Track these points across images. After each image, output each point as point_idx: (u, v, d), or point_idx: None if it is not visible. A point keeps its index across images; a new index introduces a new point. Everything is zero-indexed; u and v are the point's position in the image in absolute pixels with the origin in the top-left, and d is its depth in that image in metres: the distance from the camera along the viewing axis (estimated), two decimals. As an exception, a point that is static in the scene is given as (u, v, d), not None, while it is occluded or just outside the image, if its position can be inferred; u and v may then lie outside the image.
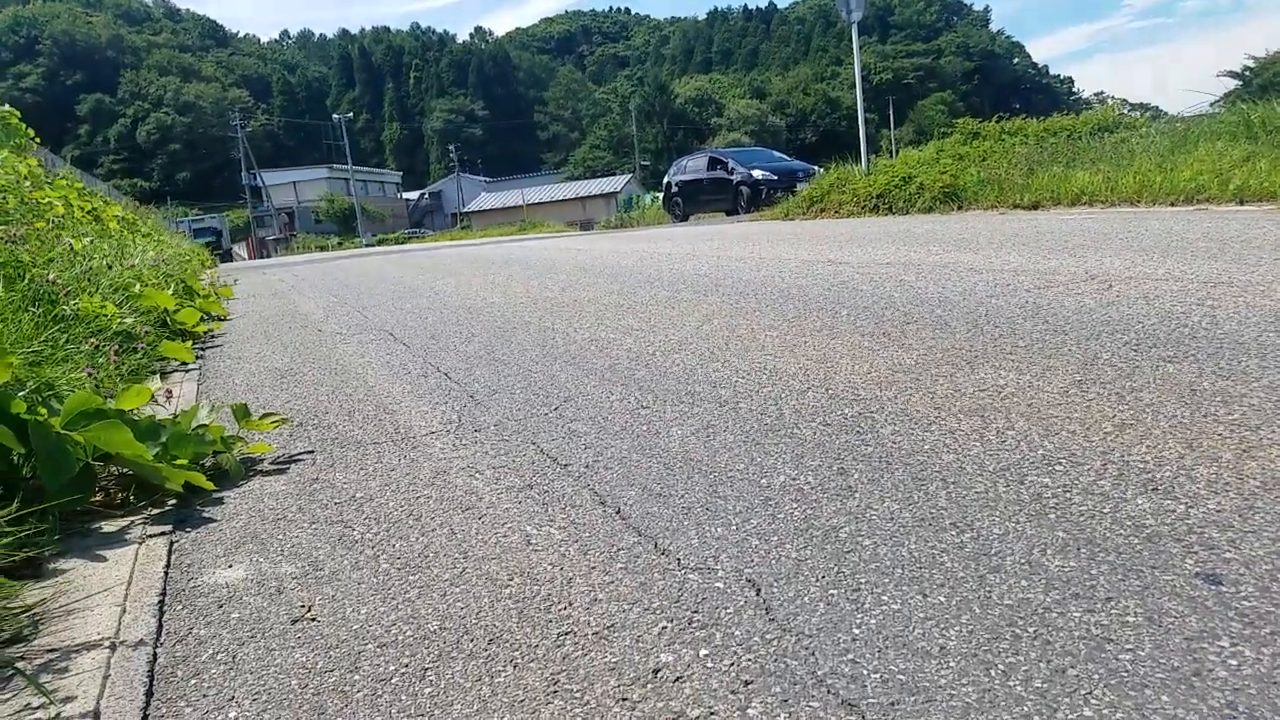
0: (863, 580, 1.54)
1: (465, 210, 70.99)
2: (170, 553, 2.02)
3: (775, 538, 1.75)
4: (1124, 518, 1.68)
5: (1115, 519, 1.68)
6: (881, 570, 1.57)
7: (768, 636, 1.39)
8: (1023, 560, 1.55)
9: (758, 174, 20.82)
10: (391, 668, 1.42)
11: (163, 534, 2.14)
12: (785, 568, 1.62)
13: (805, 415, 2.58)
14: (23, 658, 1.54)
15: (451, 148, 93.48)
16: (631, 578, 1.64)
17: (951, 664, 1.26)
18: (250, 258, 55.49)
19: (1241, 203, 7.41)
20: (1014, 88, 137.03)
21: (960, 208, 11.01)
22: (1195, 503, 1.71)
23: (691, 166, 23.85)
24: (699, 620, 1.46)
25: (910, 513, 1.80)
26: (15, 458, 2.21)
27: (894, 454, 2.16)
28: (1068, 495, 1.81)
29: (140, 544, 2.09)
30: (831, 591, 1.51)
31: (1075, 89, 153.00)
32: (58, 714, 1.37)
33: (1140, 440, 2.07)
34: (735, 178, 21.37)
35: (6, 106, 10.04)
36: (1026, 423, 2.29)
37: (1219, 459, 1.91)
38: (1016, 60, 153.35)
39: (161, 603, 1.76)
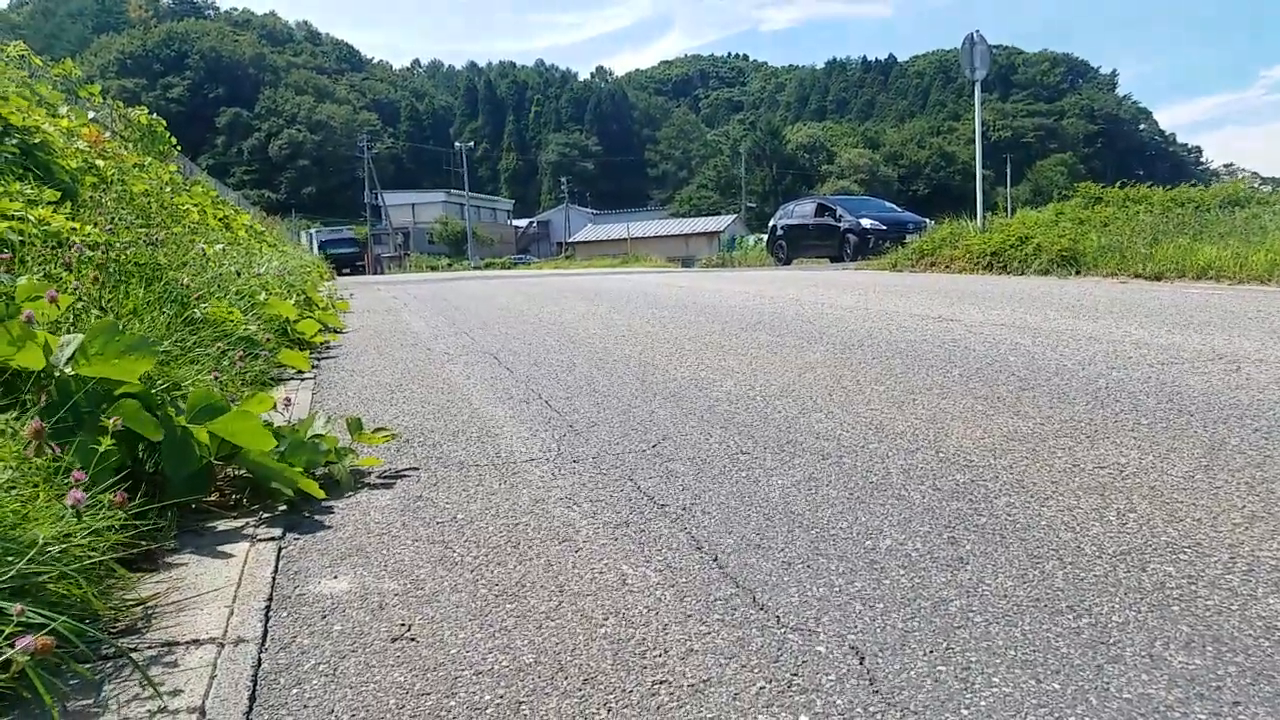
0: (973, 659, 1.47)
1: (571, 240, 72.47)
2: (279, 558, 2.09)
3: (881, 604, 1.70)
4: (1254, 617, 1.57)
5: (1244, 617, 1.57)
6: (993, 650, 1.50)
7: (871, 710, 1.33)
8: (1143, 652, 1.47)
9: (866, 223, 20.58)
10: (487, 697, 1.43)
11: (272, 539, 2.21)
12: (891, 637, 1.56)
13: (914, 477, 2.51)
14: (135, 649, 1.61)
15: (563, 180, 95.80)
16: (729, 631, 1.61)
17: (1070, 761, 1.19)
18: (366, 273, 57.42)
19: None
20: (1138, 154, 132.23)
21: (1078, 272, 10.61)
22: (1334, 610, 1.58)
23: (798, 211, 23.78)
24: (799, 684, 1.42)
25: (1025, 591, 1.72)
26: (140, 451, 2.34)
27: (1008, 527, 2.08)
28: (1193, 587, 1.70)
29: (251, 547, 2.17)
30: (940, 668, 1.45)
31: (1204, 159, 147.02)
32: (163, 706, 1.42)
33: (1272, 535, 1.94)
34: (843, 225, 21.18)
35: (154, 116, 10.79)
36: (1149, 506, 2.17)
37: (1365, 564, 1.77)
38: (1143, 126, 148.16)
39: (268, 608, 1.81)
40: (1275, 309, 6.00)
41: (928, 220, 20.30)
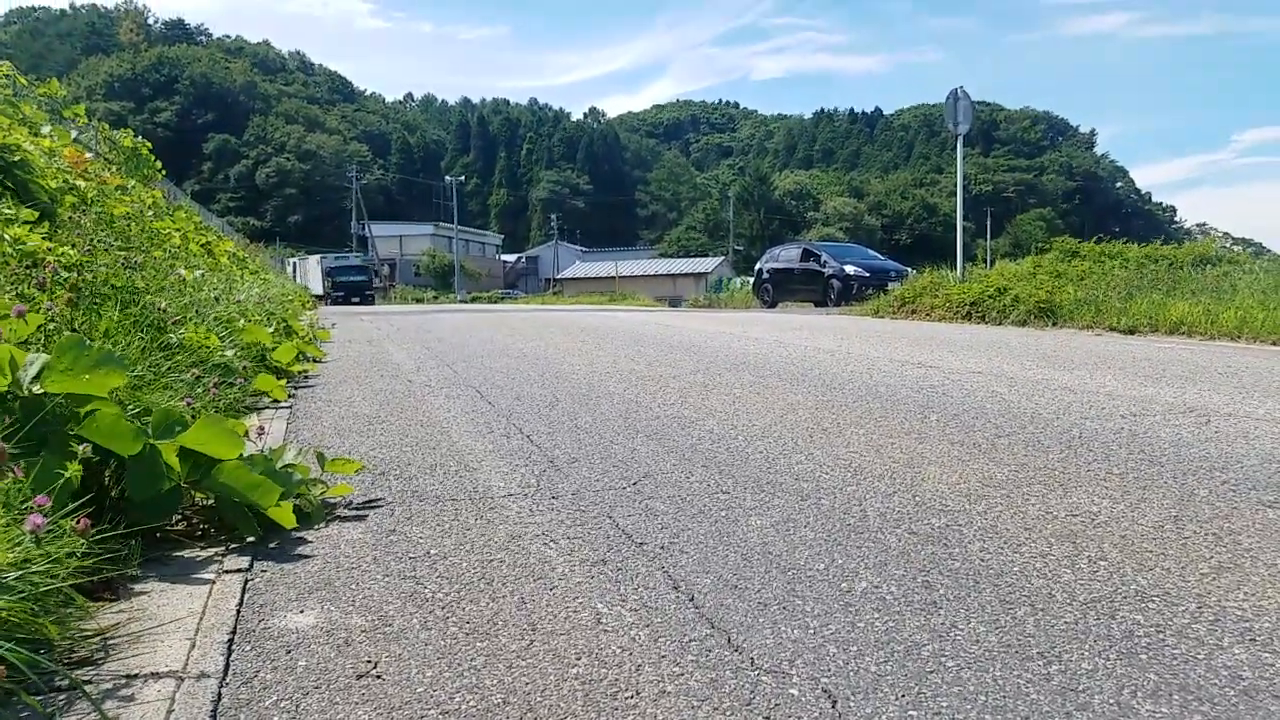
0: (944, 704, 1.46)
1: (559, 276, 72.65)
2: (244, 590, 2.05)
3: (854, 647, 1.69)
4: (1220, 666, 1.58)
5: (1210, 667, 1.58)
6: (964, 695, 1.49)
7: (841, 754, 1.32)
8: (1112, 700, 1.47)
9: (850, 269, 20.78)
10: (452, 735, 1.40)
11: (238, 570, 2.18)
12: (864, 681, 1.55)
13: (890, 520, 2.51)
14: (90, 681, 1.57)
15: (553, 216, 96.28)
16: (703, 672, 1.60)
17: (1040, 812, 1.18)
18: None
19: (1355, 348, 7.06)
20: (1114, 211, 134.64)
21: (1055, 324, 10.74)
22: (1298, 659, 1.60)
23: (784, 256, 23.98)
24: (769, 727, 1.40)
25: (996, 637, 1.72)
26: (106, 477, 2.30)
27: (982, 572, 2.07)
28: (1161, 636, 1.71)
29: (216, 577, 2.13)
30: (911, 712, 1.43)
31: (1177, 218, 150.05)
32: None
33: (1238, 586, 1.96)
34: (827, 271, 21.37)
35: (139, 139, 10.78)
36: (1120, 554, 2.18)
37: (1328, 617, 1.78)
38: (1119, 184, 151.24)
39: (231, 641, 1.78)
40: (1244, 365, 6.09)
41: (909, 269, 20.54)
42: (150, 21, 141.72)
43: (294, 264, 55.32)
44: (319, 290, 50.87)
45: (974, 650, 1.66)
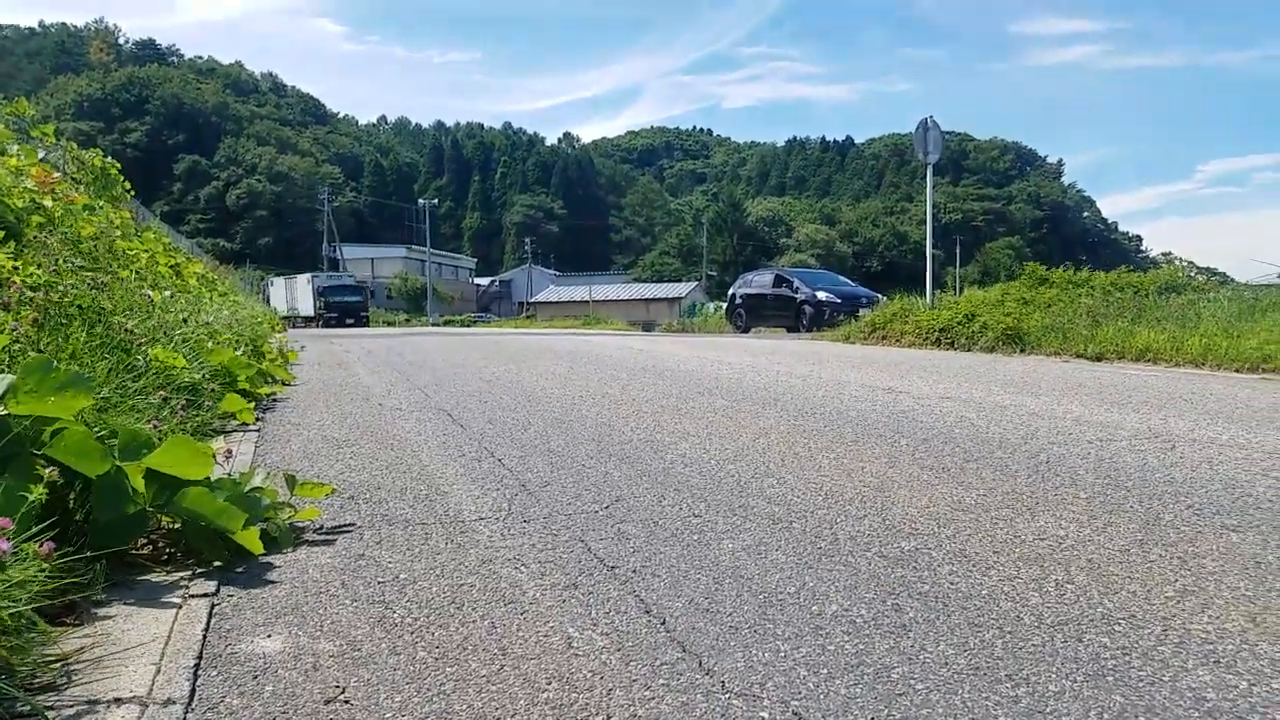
0: (914, 728, 1.47)
1: (532, 300, 72.60)
2: (211, 615, 2.02)
3: (825, 670, 1.69)
4: (1184, 688, 1.61)
5: (1175, 689, 1.61)
6: (933, 718, 1.50)
7: (812, 777, 1.32)
8: (1080, 723, 1.48)
9: (822, 295, 20.98)
10: (421, 760, 1.39)
11: (205, 595, 2.14)
12: (834, 703, 1.55)
13: (860, 543, 2.52)
14: (52, 707, 1.54)
15: (527, 240, 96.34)
16: (673, 696, 1.59)
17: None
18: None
19: (1311, 375, 7.22)
20: (1081, 240, 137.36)
21: (1023, 350, 10.89)
22: (1258, 681, 1.63)
23: (757, 281, 24.17)
24: (740, 750, 1.40)
25: (965, 659, 1.73)
26: (71, 500, 2.26)
27: (951, 595, 2.09)
28: (1127, 658, 1.73)
29: (183, 602, 2.10)
30: (881, 736, 1.44)
31: (1143, 247, 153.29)
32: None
33: (1202, 609, 1.99)
34: (799, 296, 21.56)
35: (109, 159, 10.67)
36: (1086, 578, 2.21)
37: (1286, 638, 1.82)
38: (1086, 214, 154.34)
39: (197, 666, 1.75)
40: (1209, 391, 6.21)
41: (880, 296, 20.78)
42: (121, 41, 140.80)
43: (283, 283, 53.40)
44: (310, 311, 48.53)
45: (943, 672, 1.68)
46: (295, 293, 51.22)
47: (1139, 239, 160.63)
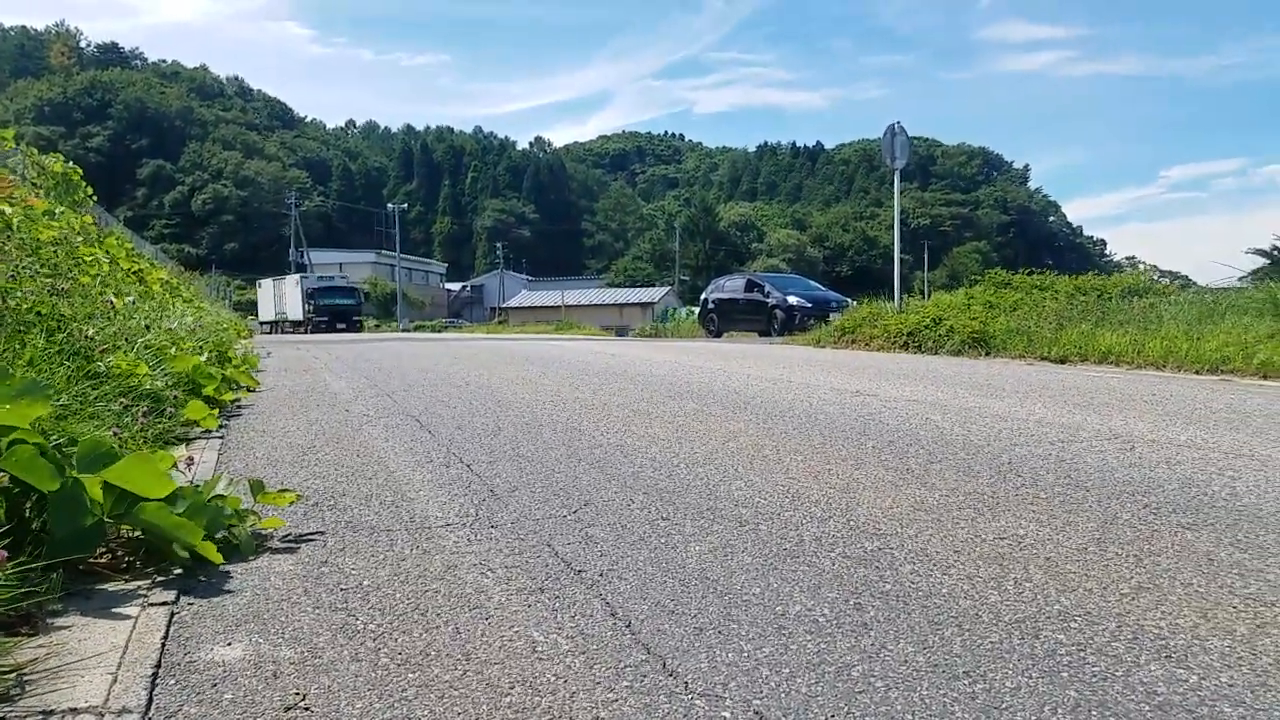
0: (873, 725, 1.48)
1: (505, 305, 72.31)
2: (170, 623, 2.00)
3: (787, 669, 1.71)
4: (1136, 683, 1.64)
5: (1128, 683, 1.64)
6: (892, 714, 1.52)
7: (771, 775, 1.33)
8: (1034, 717, 1.52)
9: (793, 300, 21.12)
10: (381, 766, 1.38)
11: (165, 603, 2.12)
12: (795, 702, 1.57)
13: (825, 544, 2.55)
14: (5, 718, 1.52)
15: (499, 245, 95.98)
16: (636, 698, 1.60)
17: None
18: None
19: (1265, 378, 7.38)
20: (1048, 244, 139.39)
21: (988, 354, 11.04)
22: (1208, 675, 1.67)
23: (729, 286, 24.28)
24: (701, 750, 1.41)
25: (924, 657, 1.76)
26: (27, 509, 2.23)
27: (911, 594, 2.12)
28: (1082, 654, 1.77)
29: (141, 611, 2.07)
30: (840, 734, 1.46)
31: (1108, 251, 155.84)
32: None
33: (1156, 605, 2.04)
34: (771, 301, 21.69)
35: (70, 164, 10.51)
36: (1044, 576, 2.25)
37: (1234, 632, 1.87)
38: (1052, 218, 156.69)
39: (155, 675, 1.73)
40: (1169, 393, 6.33)
41: (850, 300, 20.98)
42: (82, 45, 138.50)
43: (271, 285, 49.87)
44: (299, 315, 43.62)
45: (902, 670, 1.70)
46: (283, 295, 47.56)
47: (1104, 243, 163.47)
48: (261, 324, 46.25)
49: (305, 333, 39.34)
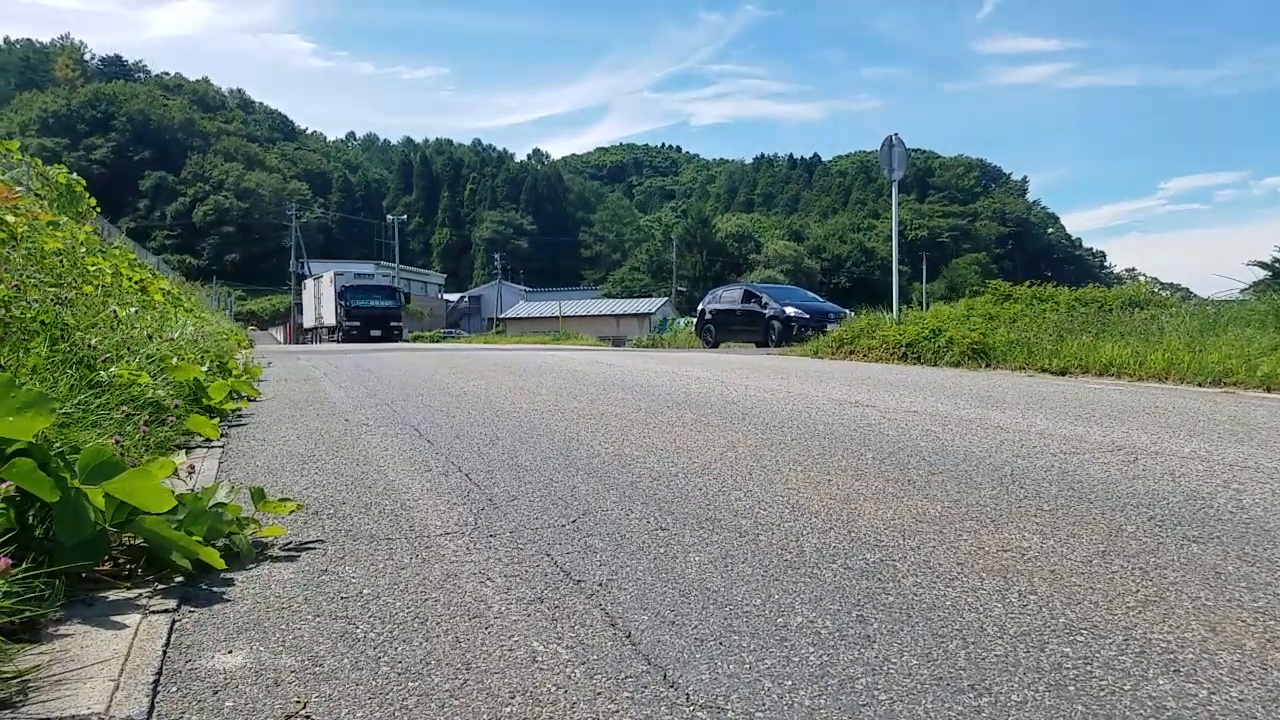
0: (877, 737, 1.48)
1: (502, 316, 72.36)
2: (171, 631, 1.99)
3: (789, 681, 1.70)
4: (1145, 697, 1.63)
5: (1136, 697, 1.63)
6: (897, 729, 1.51)
7: (775, 787, 1.32)
8: (1042, 732, 1.50)
9: (790, 310, 21.16)
10: (382, 776, 1.37)
11: (166, 611, 2.11)
12: (797, 714, 1.56)
13: (826, 556, 2.54)
14: (7, 725, 1.51)
15: (497, 256, 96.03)
16: (638, 709, 1.59)
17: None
18: (287, 342, 50.46)
19: (1269, 390, 7.38)
20: (1047, 256, 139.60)
21: (988, 365, 11.04)
22: (1218, 689, 1.66)
23: (727, 297, 24.32)
24: (704, 761, 1.40)
25: (929, 670, 1.75)
26: (30, 516, 2.22)
27: (915, 606, 2.11)
28: (1088, 668, 1.76)
29: (143, 618, 2.06)
30: (844, 745, 1.45)
31: (1107, 263, 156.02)
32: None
33: (1163, 619, 2.03)
34: (768, 312, 21.73)
35: (74, 175, 10.54)
36: (1049, 588, 2.24)
37: (1243, 646, 1.86)
38: (1051, 230, 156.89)
39: (157, 682, 1.72)
40: (1171, 405, 6.33)
41: (848, 311, 21.03)
42: (87, 58, 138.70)
43: (313, 286, 44.36)
44: (333, 320, 37.72)
45: (906, 683, 1.69)
46: (320, 297, 40.85)
47: (1103, 255, 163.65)
48: (304, 331, 42.24)
49: (337, 341, 33.86)
